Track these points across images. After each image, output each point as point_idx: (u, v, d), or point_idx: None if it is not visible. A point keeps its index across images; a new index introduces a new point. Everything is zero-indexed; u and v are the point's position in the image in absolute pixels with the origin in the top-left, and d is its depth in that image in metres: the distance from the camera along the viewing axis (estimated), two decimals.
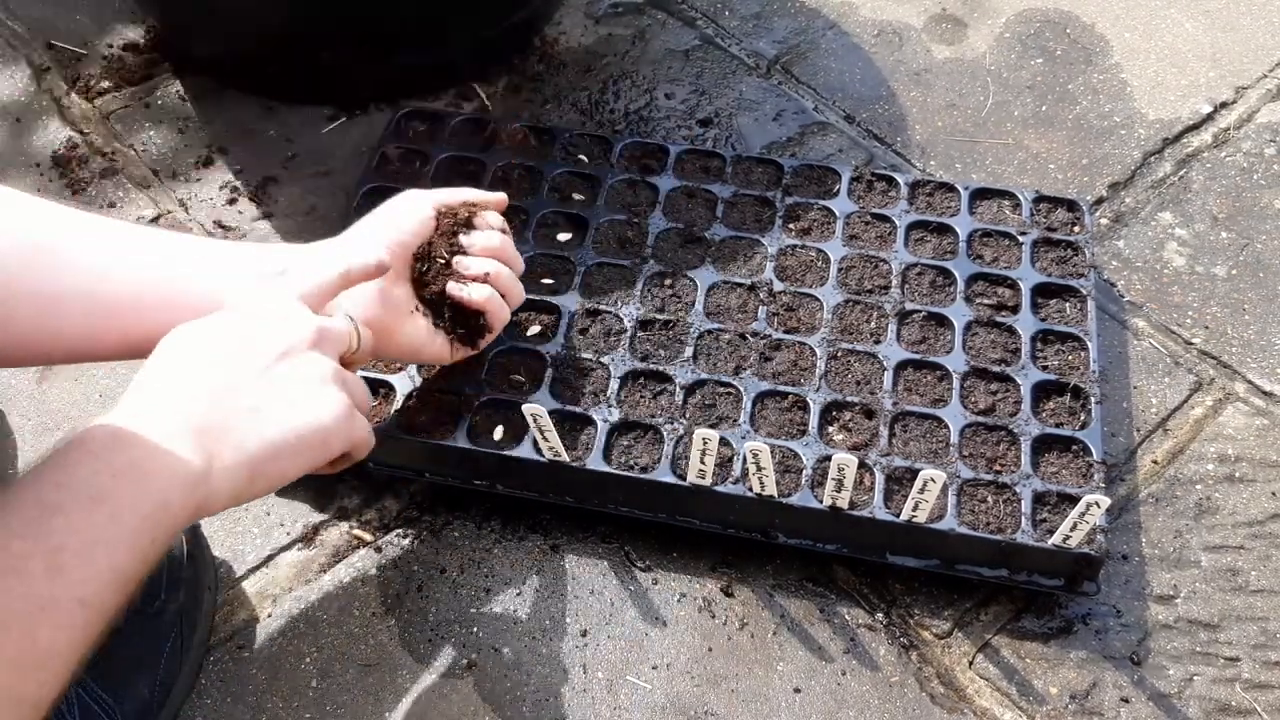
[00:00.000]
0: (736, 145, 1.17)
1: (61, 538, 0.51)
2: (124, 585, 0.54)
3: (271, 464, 0.62)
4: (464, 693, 0.80)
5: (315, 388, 0.66)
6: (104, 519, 0.53)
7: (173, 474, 0.57)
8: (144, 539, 0.55)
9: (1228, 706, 0.79)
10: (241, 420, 0.62)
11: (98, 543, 0.53)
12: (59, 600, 0.50)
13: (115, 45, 1.29)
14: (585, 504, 0.86)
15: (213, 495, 0.59)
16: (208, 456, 0.59)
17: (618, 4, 1.35)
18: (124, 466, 0.56)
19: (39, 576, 0.50)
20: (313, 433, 0.64)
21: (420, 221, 0.82)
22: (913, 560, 0.83)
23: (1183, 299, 1.04)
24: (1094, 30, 1.30)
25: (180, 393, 0.62)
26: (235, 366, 0.64)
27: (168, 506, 0.56)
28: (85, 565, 0.52)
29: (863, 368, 0.90)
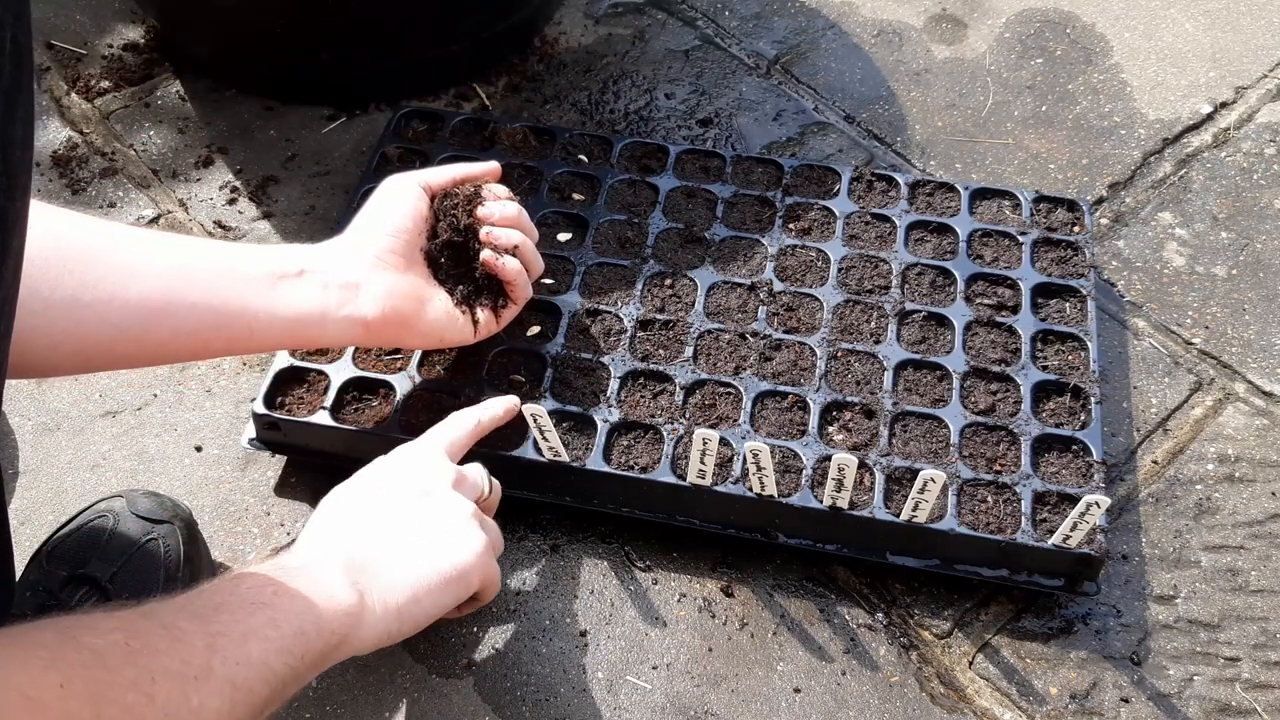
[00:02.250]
0: (736, 145, 1.17)
1: (223, 626, 0.57)
2: (273, 685, 0.58)
3: (415, 604, 0.68)
4: (464, 693, 0.80)
5: (455, 528, 0.72)
6: (263, 622, 0.59)
7: (328, 601, 0.63)
8: (297, 649, 0.60)
9: (1228, 706, 0.79)
10: (390, 562, 0.68)
11: (253, 637, 0.58)
12: (213, 672, 0.54)
13: (115, 45, 1.29)
14: (585, 504, 0.86)
15: (364, 628, 0.65)
16: (360, 593, 0.65)
17: (618, 4, 1.35)
18: (285, 588, 0.62)
19: (198, 650, 0.55)
20: (455, 569, 0.70)
21: (413, 206, 0.83)
22: (913, 560, 0.83)
23: (1183, 299, 1.04)
24: (1094, 30, 1.30)
25: (336, 535, 0.69)
26: (382, 511, 0.71)
27: (322, 627, 0.62)
28: (239, 651, 0.56)
29: (863, 368, 0.90)
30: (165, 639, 0.54)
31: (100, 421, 0.96)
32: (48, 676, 0.46)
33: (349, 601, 0.64)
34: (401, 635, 0.68)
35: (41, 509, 0.90)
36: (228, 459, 0.93)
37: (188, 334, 0.72)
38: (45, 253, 0.66)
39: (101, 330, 0.69)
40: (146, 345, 0.71)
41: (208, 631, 0.56)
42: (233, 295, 0.73)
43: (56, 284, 0.66)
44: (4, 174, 0.44)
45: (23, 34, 0.44)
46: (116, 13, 1.33)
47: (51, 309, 0.66)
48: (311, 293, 0.76)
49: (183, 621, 0.56)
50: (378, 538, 0.69)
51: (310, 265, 0.76)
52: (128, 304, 0.69)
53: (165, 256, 0.72)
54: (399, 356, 0.92)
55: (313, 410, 0.88)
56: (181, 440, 0.95)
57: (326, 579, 0.65)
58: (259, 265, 0.75)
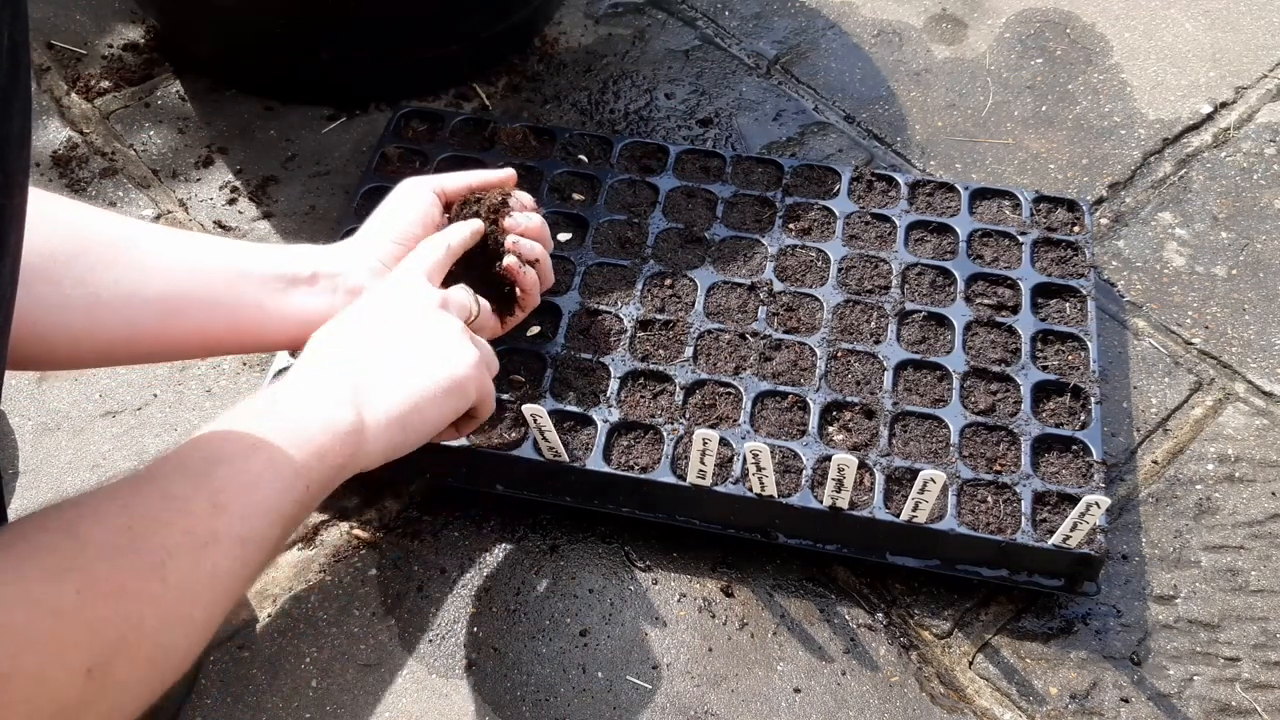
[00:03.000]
0: (736, 145, 1.17)
1: (222, 482, 0.56)
2: (283, 524, 0.59)
3: (416, 413, 0.68)
4: (464, 693, 0.80)
5: (447, 340, 0.72)
6: (262, 464, 0.58)
7: (327, 424, 0.63)
8: (300, 484, 0.60)
9: (1228, 706, 0.79)
10: (386, 376, 0.68)
11: (257, 485, 0.57)
12: (220, 535, 0.54)
13: (115, 45, 1.29)
14: (585, 504, 0.86)
15: (367, 444, 0.65)
16: (358, 409, 0.65)
17: (618, 4, 1.35)
18: (281, 422, 0.61)
19: (202, 515, 0.54)
20: (451, 378, 0.70)
21: (425, 212, 0.84)
22: (913, 560, 0.83)
23: (1183, 299, 1.04)
24: (1094, 30, 1.30)
25: (328, 362, 0.69)
26: (374, 334, 0.71)
27: (324, 454, 0.61)
28: (244, 504, 0.56)
29: (863, 368, 0.90)
30: (166, 512, 0.53)
31: (100, 421, 0.96)
32: (64, 584, 0.47)
33: (348, 421, 0.64)
34: (407, 447, 0.69)
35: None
36: None
37: (203, 332, 0.74)
38: (66, 249, 0.67)
39: (121, 327, 0.70)
40: (164, 342, 0.73)
41: (208, 491, 0.55)
42: (247, 296, 0.74)
43: (78, 280, 0.67)
44: (1, 171, 0.44)
45: (20, 32, 0.44)
46: (116, 13, 1.33)
47: (73, 304, 0.67)
48: (322, 298, 0.77)
49: (181, 486, 0.55)
50: (371, 360, 0.69)
51: (322, 269, 0.78)
52: (147, 302, 0.70)
53: (183, 256, 0.73)
54: None
55: None
56: (181, 440, 0.94)
57: (322, 404, 0.64)
58: (273, 266, 0.76)
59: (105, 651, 0.47)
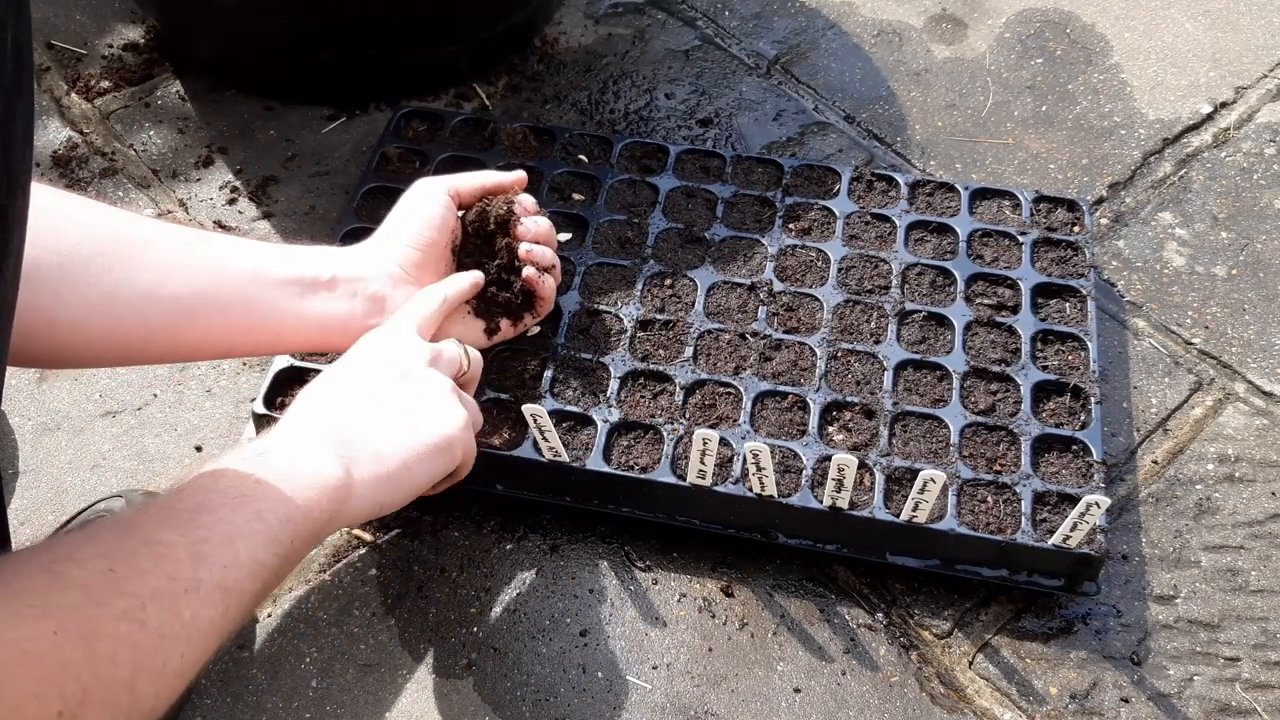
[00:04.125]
0: (736, 145, 1.17)
1: (206, 531, 0.56)
2: (265, 577, 0.58)
3: (403, 472, 0.68)
4: (464, 693, 0.80)
5: (437, 401, 0.72)
6: (247, 516, 0.58)
7: (314, 479, 0.62)
8: (285, 537, 0.59)
9: (1228, 706, 0.79)
10: (375, 434, 0.68)
11: (240, 537, 0.57)
12: (202, 583, 0.54)
13: (115, 45, 1.29)
14: (585, 504, 0.86)
15: (353, 500, 0.65)
16: (346, 466, 0.65)
17: (618, 4, 1.35)
18: (268, 474, 0.61)
19: (184, 562, 0.54)
20: (439, 440, 0.70)
21: (440, 215, 0.84)
22: (913, 560, 0.83)
23: (1183, 299, 1.04)
24: (1094, 30, 1.30)
25: (318, 416, 0.68)
26: (364, 390, 0.71)
27: (309, 509, 0.61)
28: (226, 555, 0.56)
29: (863, 368, 0.90)
30: (149, 558, 0.53)
31: (100, 421, 0.96)
32: (40, 626, 0.46)
33: (335, 476, 0.64)
34: (393, 506, 0.68)
35: (41, 509, 0.90)
36: None
37: (219, 334, 0.73)
38: (85, 249, 0.67)
39: (137, 327, 0.70)
40: (179, 343, 0.73)
41: (191, 540, 0.55)
42: (264, 299, 0.74)
43: (96, 280, 0.67)
44: (4, 173, 0.44)
45: (23, 34, 0.44)
46: (116, 13, 1.33)
47: (90, 304, 0.67)
48: (340, 303, 0.77)
49: (164, 533, 0.55)
50: (360, 415, 0.69)
51: (341, 274, 0.78)
52: (163, 303, 0.70)
53: (200, 256, 0.73)
54: None
55: None
56: (181, 440, 0.95)
57: (310, 458, 0.64)
58: (291, 269, 0.76)
59: (78, 694, 0.47)
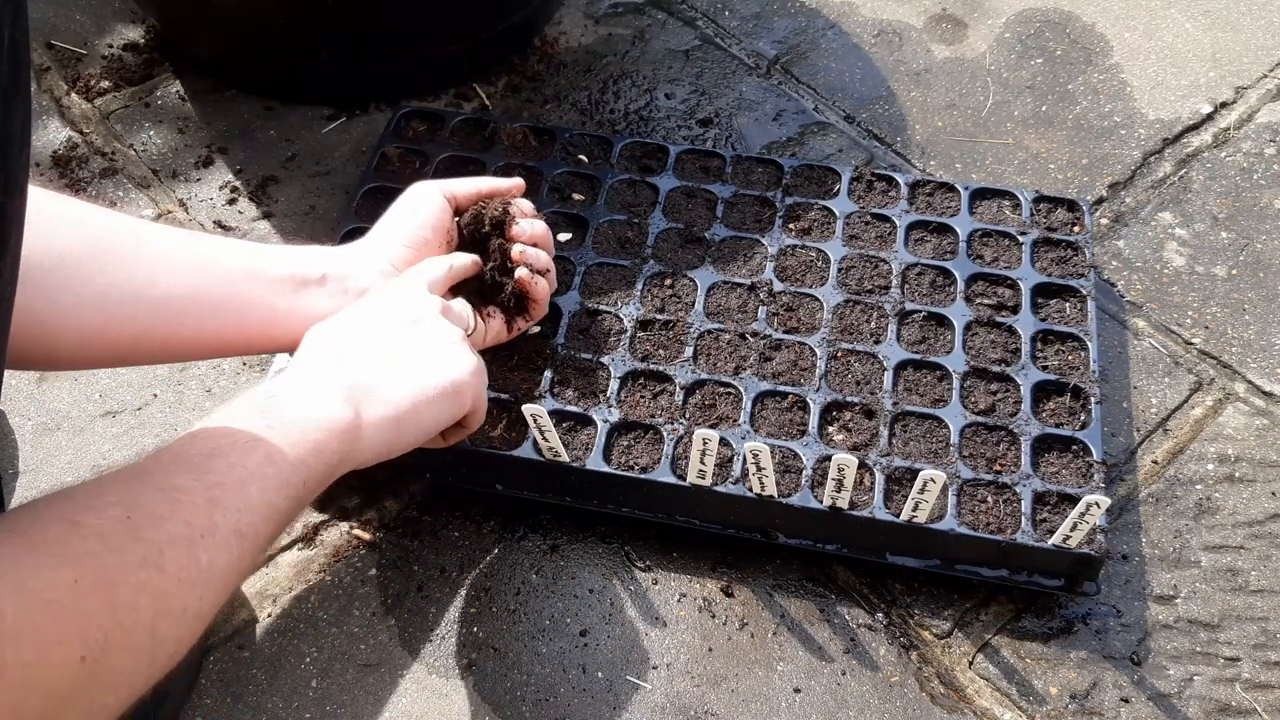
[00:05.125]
0: (736, 145, 1.17)
1: (220, 475, 0.57)
2: (278, 519, 0.59)
3: (413, 414, 0.69)
4: (464, 693, 0.80)
5: (447, 347, 0.73)
6: (259, 460, 0.59)
7: (324, 421, 0.63)
8: (297, 479, 0.60)
9: (1228, 706, 0.79)
10: (385, 376, 0.69)
11: (252, 481, 0.58)
12: (218, 528, 0.55)
13: (115, 45, 1.29)
14: (585, 504, 0.86)
15: (363, 441, 0.66)
16: (356, 408, 0.66)
17: (618, 4, 1.35)
18: (279, 417, 0.62)
19: (199, 507, 0.55)
20: (450, 383, 0.71)
21: (435, 217, 0.84)
22: (913, 560, 0.83)
23: (1183, 299, 1.04)
24: (1094, 30, 1.30)
25: (328, 359, 0.69)
26: (375, 334, 0.71)
27: (320, 451, 0.62)
28: (239, 499, 0.56)
29: (863, 368, 0.90)
30: (164, 504, 0.54)
31: (100, 421, 0.96)
32: (61, 574, 0.47)
33: (345, 418, 0.64)
34: (401, 448, 0.69)
35: None
36: None
37: (211, 333, 0.73)
38: (76, 249, 0.67)
39: (129, 327, 0.70)
40: (171, 343, 0.73)
41: (205, 484, 0.56)
42: (256, 298, 0.74)
43: (88, 280, 0.67)
44: (2, 171, 0.44)
45: (20, 32, 0.44)
46: (116, 13, 1.33)
47: (83, 304, 0.67)
48: (331, 300, 0.77)
49: (179, 478, 0.55)
50: (371, 358, 0.70)
51: (331, 271, 0.78)
52: (155, 302, 0.70)
53: (192, 256, 0.73)
54: None
55: None
56: None
57: (320, 400, 0.65)
58: (283, 267, 0.76)
59: (100, 640, 0.47)
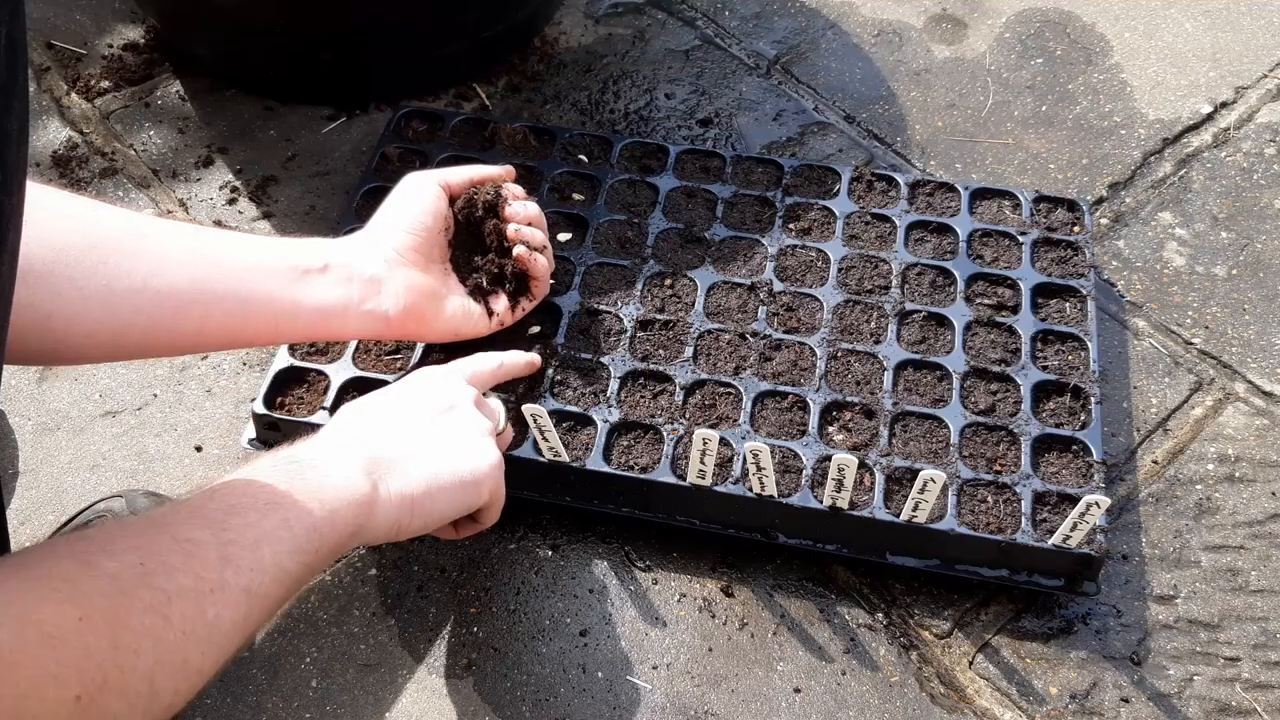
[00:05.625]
0: (736, 145, 1.17)
1: (235, 534, 0.57)
2: (288, 584, 0.59)
3: (427, 499, 0.69)
4: (464, 693, 0.80)
5: (474, 439, 0.73)
6: (275, 524, 0.59)
7: (343, 491, 0.64)
8: (310, 545, 0.60)
9: (1228, 706, 0.79)
10: (408, 458, 0.69)
11: (266, 542, 0.58)
12: (227, 585, 0.55)
13: (115, 45, 1.29)
14: (585, 504, 0.86)
15: (376, 517, 0.66)
16: (374, 483, 0.66)
17: (618, 4, 1.35)
18: (298, 483, 0.62)
19: (212, 562, 0.55)
20: (469, 474, 0.71)
21: (433, 204, 0.85)
22: (913, 560, 0.83)
23: (1183, 299, 1.04)
24: (1094, 30, 1.30)
25: (354, 434, 0.70)
26: (406, 414, 0.72)
27: (335, 521, 0.62)
28: (252, 559, 0.56)
29: (863, 368, 0.90)
30: (178, 555, 0.54)
31: (100, 421, 0.96)
32: (66, 611, 0.47)
33: (363, 491, 0.65)
34: (410, 531, 0.69)
35: (41, 509, 0.90)
36: (228, 459, 0.93)
37: (216, 325, 0.74)
38: (79, 243, 0.68)
39: (134, 319, 0.70)
40: (177, 335, 0.73)
41: (220, 541, 0.56)
42: (259, 288, 0.75)
43: (91, 273, 0.68)
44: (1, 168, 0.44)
45: (18, 30, 0.44)
46: (116, 13, 1.33)
47: (87, 297, 0.68)
48: (335, 288, 0.77)
49: (195, 532, 0.56)
50: (396, 437, 0.70)
51: (334, 260, 0.78)
52: (159, 294, 0.70)
53: (195, 248, 0.74)
54: (398, 356, 0.92)
55: (313, 410, 0.88)
56: (181, 440, 0.95)
57: (341, 471, 0.65)
58: (284, 258, 0.76)
59: (97, 681, 0.47)
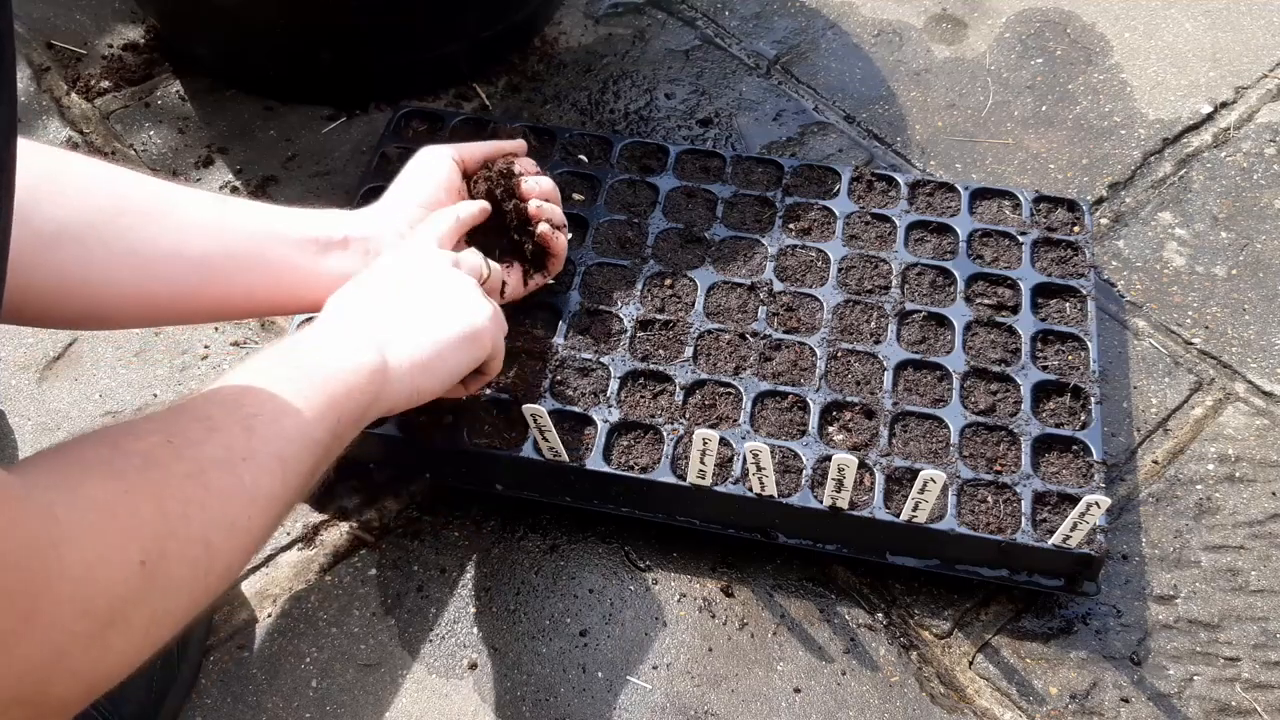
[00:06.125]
0: (736, 145, 1.17)
1: (254, 409, 0.58)
2: (318, 452, 0.61)
3: (437, 360, 0.72)
4: (464, 693, 0.80)
5: (465, 295, 0.76)
6: (292, 396, 0.61)
7: (352, 365, 0.66)
8: (331, 416, 0.62)
9: (1228, 706, 0.79)
10: (408, 327, 0.72)
11: (287, 414, 0.60)
12: (257, 453, 0.56)
13: (115, 45, 1.29)
14: (585, 504, 0.86)
15: (391, 385, 0.69)
16: (383, 355, 0.69)
17: (618, 4, 1.35)
18: (311, 361, 0.65)
19: (237, 434, 0.56)
20: (470, 328, 0.74)
21: (446, 178, 0.88)
22: (913, 560, 0.83)
23: (1183, 299, 1.04)
24: (1094, 30, 1.30)
25: (349, 315, 0.73)
26: (392, 292, 0.75)
27: (351, 392, 0.64)
28: (276, 429, 0.58)
29: (863, 368, 0.90)
30: (202, 430, 0.55)
31: (100, 422, 0.96)
32: (110, 485, 0.48)
33: (373, 361, 0.67)
34: (427, 393, 0.72)
35: None
36: None
37: (240, 293, 0.76)
38: (111, 209, 0.70)
39: (161, 285, 0.73)
40: (202, 300, 0.76)
41: (241, 416, 0.57)
42: (282, 259, 0.77)
43: (121, 237, 0.70)
44: None
45: (4, 22, 0.44)
46: (116, 13, 1.33)
47: (118, 263, 0.70)
48: (354, 261, 0.80)
49: (214, 411, 0.57)
50: (391, 313, 0.73)
51: (354, 233, 0.81)
52: (188, 261, 0.73)
53: (219, 217, 0.76)
54: None
55: None
56: None
57: (348, 346, 0.68)
58: (306, 230, 0.79)
59: (156, 545, 0.48)
